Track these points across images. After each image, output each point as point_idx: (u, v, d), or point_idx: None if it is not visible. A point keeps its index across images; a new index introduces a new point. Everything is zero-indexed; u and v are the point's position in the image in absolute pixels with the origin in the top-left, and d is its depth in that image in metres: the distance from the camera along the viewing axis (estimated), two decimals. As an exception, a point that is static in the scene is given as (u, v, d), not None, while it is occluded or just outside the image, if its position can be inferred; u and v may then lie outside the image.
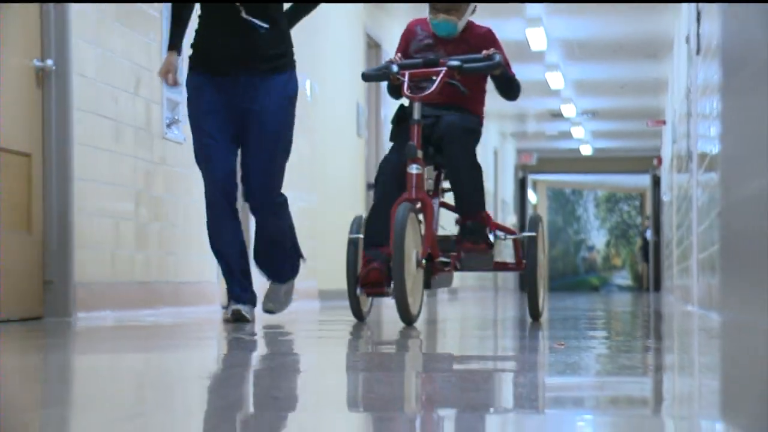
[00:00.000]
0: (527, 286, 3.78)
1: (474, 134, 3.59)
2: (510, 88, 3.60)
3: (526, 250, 3.70)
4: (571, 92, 11.72)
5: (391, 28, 7.70)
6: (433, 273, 3.44)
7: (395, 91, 3.52)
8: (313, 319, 4.62)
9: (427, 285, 3.46)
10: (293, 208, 3.75)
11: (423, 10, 3.63)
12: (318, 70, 6.07)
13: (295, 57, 3.57)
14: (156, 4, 4.48)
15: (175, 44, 3.53)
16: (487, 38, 3.57)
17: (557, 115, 13.23)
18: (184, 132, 4.47)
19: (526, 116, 14.24)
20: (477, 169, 3.51)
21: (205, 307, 4.90)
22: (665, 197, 12.41)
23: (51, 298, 3.68)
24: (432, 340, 3.26)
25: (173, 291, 4.57)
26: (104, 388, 1.64)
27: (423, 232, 3.28)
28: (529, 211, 17.50)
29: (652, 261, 17.42)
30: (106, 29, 4.07)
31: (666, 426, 1.18)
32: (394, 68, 3.36)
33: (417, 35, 3.57)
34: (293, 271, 3.69)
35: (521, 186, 18.21)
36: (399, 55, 3.51)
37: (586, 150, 16.99)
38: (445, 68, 3.32)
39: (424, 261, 3.23)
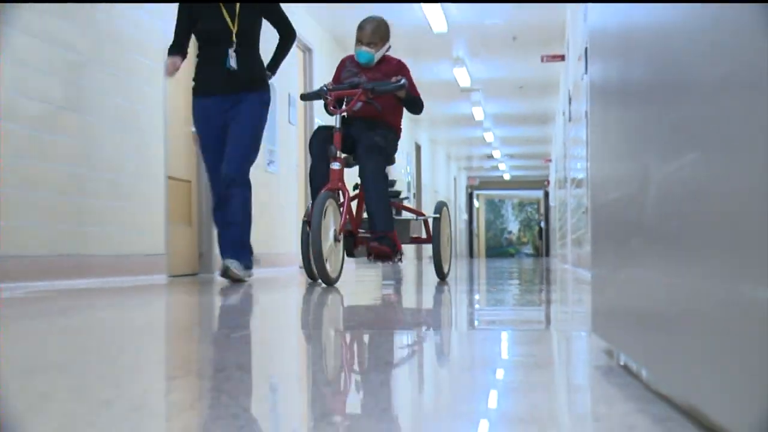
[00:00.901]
0: (434, 254, 4.79)
1: (385, 151, 4.42)
2: (413, 105, 4.57)
3: (432, 227, 4.79)
4: (490, 123, 16.54)
5: (322, 34, 8.95)
6: (355, 245, 4.49)
7: (327, 108, 4.48)
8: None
9: (350, 254, 4.50)
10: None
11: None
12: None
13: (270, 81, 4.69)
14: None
15: (177, 51, 4.43)
16: (399, 67, 4.57)
17: (490, 157, 22.08)
18: (279, 167, 7.43)
19: (473, 157, 23.52)
20: (384, 205, 4.40)
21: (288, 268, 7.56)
22: (552, 203, 19.69)
23: (203, 262, 5.90)
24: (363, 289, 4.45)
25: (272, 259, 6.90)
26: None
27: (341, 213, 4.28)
28: (474, 214, 29.84)
29: (544, 239, 28.62)
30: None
31: (553, 336, 2.06)
32: (324, 90, 4.36)
33: (346, 66, 4.58)
34: (248, 262, 4.58)
35: (470, 197, 29.56)
36: (331, 81, 4.51)
37: (507, 176, 28.43)
38: (360, 89, 4.32)
39: (341, 236, 4.12)
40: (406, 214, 5.02)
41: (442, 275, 4.81)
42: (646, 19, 1.06)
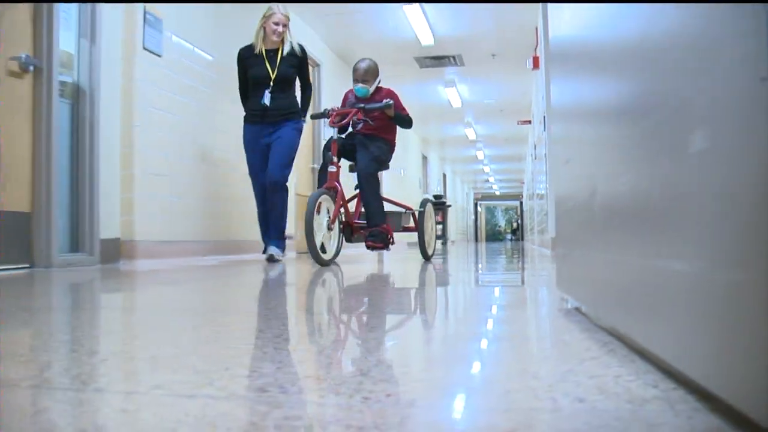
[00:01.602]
0: (419, 239, 5.18)
1: (379, 158, 4.83)
2: (402, 121, 4.93)
3: (418, 218, 5.21)
4: (488, 160, 22.93)
5: (329, 52, 9.53)
6: (353, 233, 4.88)
7: (329, 124, 4.81)
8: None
9: (348, 240, 4.93)
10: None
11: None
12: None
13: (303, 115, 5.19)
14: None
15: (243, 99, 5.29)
16: (389, 93, 4.97)
17: (487, 180, 30.36)
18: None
19: (476, 180, 31.16)
20: (376, 201, 4.79)
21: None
22: (525, 209, 23.27)
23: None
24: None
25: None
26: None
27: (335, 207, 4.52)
28: (478, 215, 39.69)
29: (521, 231, 33.40)
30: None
31: (528, 292, 2.55)
32: (327, 110, 4.86)
33: (349, 98, 5.03)
34: (283, 246, 5.18)
35: (475, 205, 37.68)
36: (337, 106, 4.91)
37: (497, 192, 37.18)
38: (354, 109, 4.79)
39: (335, 225, 4.51)
40: (399, 209, 5.37)
41: (426, 256, 5.22)
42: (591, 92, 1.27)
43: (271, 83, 5.07)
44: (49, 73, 4.16)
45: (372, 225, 4.84)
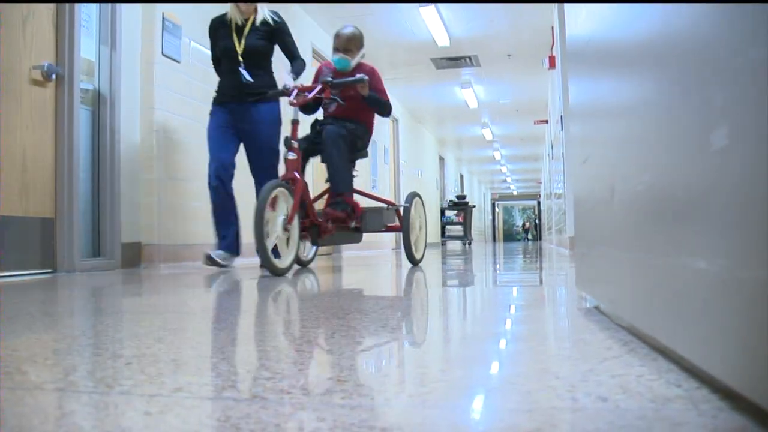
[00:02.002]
0: (403, 241, 4.38)
1: (346, 138, 4.12)
2: (377, 104, 4.23)
3: (403, 216, 4.42)
4: (504, 160, 22.97)
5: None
6: (320, 234, 4.11)
7: (302, 108, 4.15)
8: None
9: (315, 242, 4.22)
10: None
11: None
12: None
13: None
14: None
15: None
16: (372, 72, 4.27)
17: (504, 180, 30.61)
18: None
19: (494, 180, 31.41)
20: (342, 164, 4.07)
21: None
22: (543, 208, 22.94)
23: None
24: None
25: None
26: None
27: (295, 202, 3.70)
28: (495, 215, 39.52)
29: (539, 230, 33.28)
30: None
31: (545, 290, 2.53)
32: (288, 86, 4.06)
33: (323, 72, 4.38)
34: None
35: (493, 206, 37.47)
36: (301, 84, 4.14)
37: (515, 192, 36.71)
38: (320, 84, 4.03)
39: (291, 225, 3.68)
40: (381, 205, 4.58)
41: (413, 260, 4.42)
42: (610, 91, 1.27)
43: (240, 58, 4.41)
44: (71, 80, 4.21)
45: (335, 192, 4.15)
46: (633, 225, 1.06)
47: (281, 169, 4.25)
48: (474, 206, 17.82)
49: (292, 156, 3.85)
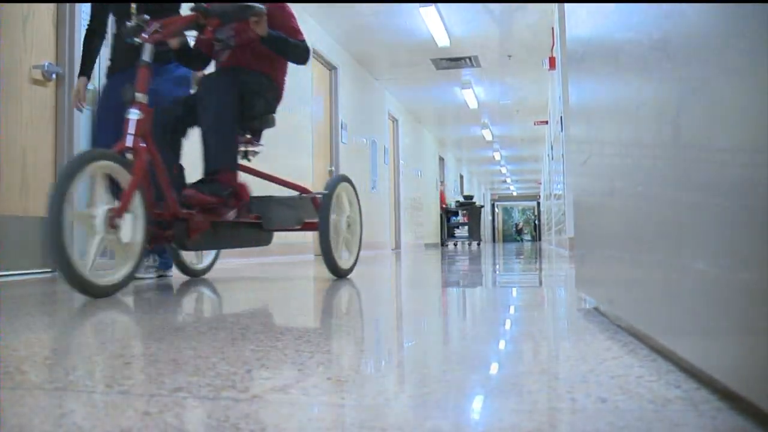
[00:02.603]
0: (321, 243, 3.05)
1: (234, 92, 2.92)
2: (284, 48, 2.95)
3: (321, 208, 3.08)
4: (504, 161, 22.69)
5: (345, 55, 9.37)
6: (189, 233, 2.82)
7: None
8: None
9: (182, 245, 2.84)
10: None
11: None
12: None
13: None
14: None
15: (84, 71, 3.50)
16: (282, 8, 3.06)
17: (504, 181, 30.64)
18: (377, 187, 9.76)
19: (494, 181, 30.90)
20: (222, 126, 2.86)
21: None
22: (542, 209, 23.22)
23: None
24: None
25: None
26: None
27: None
28: (495, 216, 39.02)
29: (538, 230, 34.47)
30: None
31: (545, 291, 2.50)
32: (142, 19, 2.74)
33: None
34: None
35: (492, 206, 36.80)
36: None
37: (514, 193, 36.60)
38: (191, 12, 2.75)
39: (120, 221, 2.45)
40: (293, 193, 3.30)
41: (335, 271, 3.09)
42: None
43: (131, 7, 3.27)
44: (71, 80, 4.23)
45: (208, 170, 2.86)
46: (633, 226, 1.05)
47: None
48: (482, 206, 17.74)
49: (134, 115, 2.56)
